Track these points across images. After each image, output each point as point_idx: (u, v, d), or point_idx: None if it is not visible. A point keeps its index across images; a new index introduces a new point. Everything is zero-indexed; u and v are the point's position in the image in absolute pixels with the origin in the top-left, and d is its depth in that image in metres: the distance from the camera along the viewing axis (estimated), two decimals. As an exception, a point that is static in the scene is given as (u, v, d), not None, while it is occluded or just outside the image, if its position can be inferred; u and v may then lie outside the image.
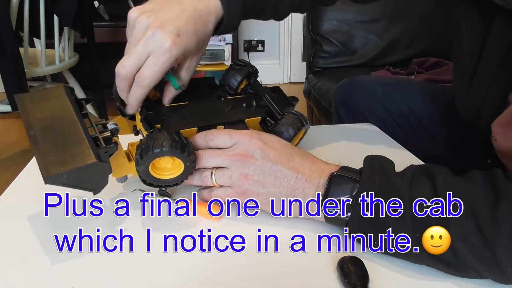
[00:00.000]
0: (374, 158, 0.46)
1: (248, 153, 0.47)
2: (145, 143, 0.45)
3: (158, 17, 0.46)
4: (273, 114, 0.57)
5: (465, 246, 0.38)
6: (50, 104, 0.47)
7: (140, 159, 0.45)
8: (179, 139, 0.45)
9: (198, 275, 0.41)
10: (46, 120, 0.45)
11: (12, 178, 0.59)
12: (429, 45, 1.82)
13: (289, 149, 0.49)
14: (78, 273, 0.41)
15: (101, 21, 2.26)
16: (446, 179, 0.41)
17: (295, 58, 3.13)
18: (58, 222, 0.49)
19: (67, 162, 0.40)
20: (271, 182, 0.47)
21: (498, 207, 0.37)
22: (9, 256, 0.43)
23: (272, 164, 0.47)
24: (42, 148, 0.42)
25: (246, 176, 0.47)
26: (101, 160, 0.42)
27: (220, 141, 0.49)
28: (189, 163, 0.46)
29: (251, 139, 0.48)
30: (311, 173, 0.46)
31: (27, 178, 0.60)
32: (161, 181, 0.48)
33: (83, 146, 0.42)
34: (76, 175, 0.41)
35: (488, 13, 0.58)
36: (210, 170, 0.49)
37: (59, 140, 0.43)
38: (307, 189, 0.46)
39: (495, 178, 0.40)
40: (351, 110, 0.93)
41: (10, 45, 1.40)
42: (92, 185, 0.44)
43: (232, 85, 0.59)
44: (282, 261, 0.43)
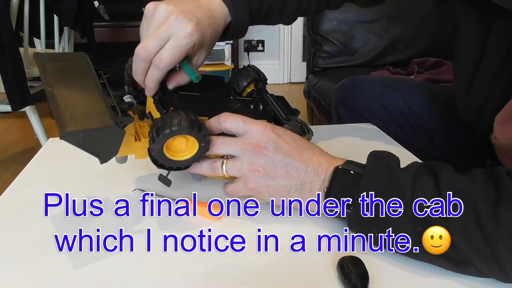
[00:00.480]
0: (379, 153, 0.46)
1: (261, 143, 0.47)
2: (162, 120, 0.44)
3: (178, 7, 0.48)
4: (278, 119, 0.57)
5: (465, 242, 0.38)
6: (70, 66, 0.47)
7: (156, 137, 0.43)
8: (195, 118, 0.45)
9: (198, 275, 0.41)
10: (66, 79, 0.44)
11: (12, 178, 0.59)
12: (429, 45, 1.82)
13: (300, 142, 0.49)
14: (78, 273, 0.41)
15: (101, 21, 2.26)
16: (449, 176, 0.41)
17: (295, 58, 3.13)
18: (58, 222, 0.49)
19: (84, 121, 0.40)
20: (281, 175, 0.47)
21: (500, 205, 0.38)
22: (9, 256, 0.43)
23: (284, 157, 0.47)
24: (60, 105, 0.41)
25: (257, 168, 0.47)
26: (118, 126, 0.41)
27: (232, 124, 0.48)
28: (204, 143, 0.46)
29: (265, 130, 0.48)
30: (319, 166, 0.47)
31: (27, 178, 0.60)
32: (174, 163, 0.47)
33: (101, 109, 0.42)
34: (91, 137, 0.40)
35: (488, 14, 0.58)
36: (221, 161, 0.48)
37: (77, 100, 0.42)
38: (315, 182, 0.47)
39: (498, 176, 0.40)
40: (351, 110, 0.93)
41: (10, 45, 1.40)
42: (103, 151, 0.43)
43: (241, 84, 0.59)
44: (282, 261, 0.43)
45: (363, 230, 0.44)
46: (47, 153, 0.68)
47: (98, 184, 0.57)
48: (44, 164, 0.64)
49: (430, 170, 0.42)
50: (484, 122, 0.66)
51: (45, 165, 0.64)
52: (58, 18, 1.67)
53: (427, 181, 0.41)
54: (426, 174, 0.42)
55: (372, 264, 0.41)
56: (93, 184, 0.56)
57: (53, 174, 0.61)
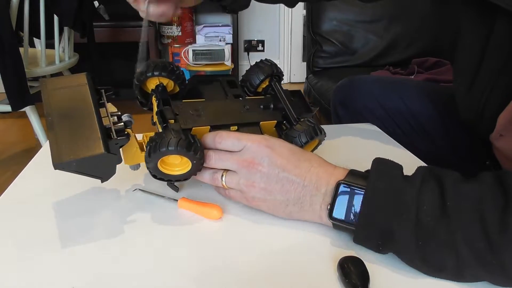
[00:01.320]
0: (381, 163, 0.44)
1: (255, 160, 0.47)
2: (153, 141, 0.46)
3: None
4: (289, 118, 0.56)
5: (469, 251, 0.37)
6: (71, 91, 0.49)
7: (148, 157, 0.46)
8: (185, 137, 0.46)
9: (198, 275, 0.41)
10: (65, 107, 0.47)
11: (12, 178, 0.59)
12: (429, 45, 1.82)
13: (297, 155, 0.48)
14: (78, 273, 0.41)
15: (101, 21, 2.25)
16: (455, 183, 0.40)
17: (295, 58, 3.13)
18: (58, 222, 0.49)
19: (78, 150, 0.43)
20: (277, 190, 0.47)
21: (508, 212, 0.36)
22: (9, 255, 0.43)
23: (279, 172, 0.46)
24: (57, 135, 0.44)
25: (252, 183, 0.47)
26: (109, 152, 0.44)
27: (228, 144, 0.49)
28: (195, 161, 0.47)
29: (259, 146, 0.47)
30: (318, 179, 0.46)
31: (27, 178, 0.60)
32: (170, 177, 0.49)
33: (95, 136, 0.45)
34: (85, 164, 0.43)
35: (489, 15, 0.58)
36: (221, 172, 0.50)
37: (74, 129, 0.45)
38: (314, 197, 0.46)
39: (506, 182, 0.38)
40: (350, 110, 0.93)
41: (10, 45, 1.40)
42: (100, 173, 0.46)
43: (253, 82, 0.59)
44: (283, 261, 0.43)
45: (369, 244, 0.43)
46: (47, 153, 0.67)
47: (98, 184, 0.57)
48: (44, 164, 0.64)
49: (435, 178, 0.41)
50: (485, 122, 0.65)
51: (45, 165, 0.64)
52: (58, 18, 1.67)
53: (431, 192, 0.40)
54: (430, 183, 0.41)
55: (372, 264, 0.41)
56: (93, 184, 0.56)
57: (53, 174, 0.60)
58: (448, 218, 0.38)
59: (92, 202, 0.53)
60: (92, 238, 0.46)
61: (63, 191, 0.55)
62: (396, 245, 0.41)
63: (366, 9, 1.85)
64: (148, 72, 0.53)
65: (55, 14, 1.65)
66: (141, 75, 0.54)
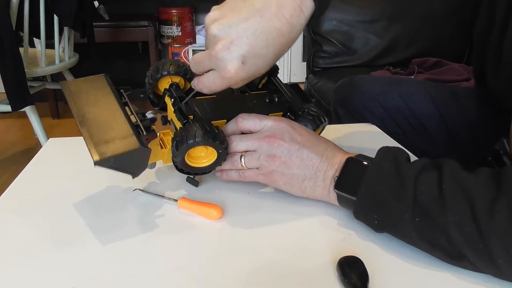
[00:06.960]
0: (388, 148, 0.48)
1: (276, 135, 0.50)
2: (179, 135, 0.48)
3: (227, 34, 0.43)
4: (293, 109, 0.59)
5: (459, 234, 0.39)
6: (94, 92, 0.50)
7: (176, 151, 0.48)
8: (210, 128, 0.48)
9: (198, 275, 0.41)
10: (92, 107, 0.48)
11: (12, 178, 0.59)
12: (429, 45, 1.82)
13: (314, 136, 0.52)
14: (78, 273, 0.41)
15: (101, 21, 2.26)
16: (453, 171, 0.42)
17: (295, 58, 3.13)
18: (58, 222, 0.49)
19: (114, 147, 0.45)
20: (296, 164, 0.49)
21: (497, 201, 0.38)
22: (9, 256, 0.43)
23: (299, 147, 0.49)
24: (90, 134, 0.45)
25: (273, 157, 0.50)
26: (144, 146, 0.46)
27: (250, 123, 0.52)
28: (221, 150, 0.49)
29: (280, 123, 0.51)
30: (333, 156, 0.50)
31: (27, 178, 0.60)
32: (197, 169, 0.52)
33: (127, 133, 0.46)
34: (122, 160, 0.45)
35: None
36: (240, 154, 0.51)
37: (105, 127, 0.47)
38: (329, 171, 0.49)
39: (502, 174, 0.41)
40: (350, 110, 0.93)
41: (10, 45, 1.40)
42: (133, 168, 0.48)
43: (254, 80, 0.61)
44: (282, 261, 0.43)
45: (366, 218, 0.46)
46: (47, 153, 0.68)
47: (98, 184, 0.57)
48: (44, 164, 0.64)
49: (435, 165, 0.44)
50: None
51: (45, 165, 0.64)
52: (58, 18, 1.67)
53: (430, 175, 0.42)
54: (430, 168, 0.43)
55: (372, 264, 0.41)
56: (93, 184, 0.56)
57: (53, 174, 0.61)
58: (442, 200, 0.40)
59: (92, 202, 0.53)
60: (92, 238, 0.46)
61: (63, 192, 0.55)
62: (392, 219, 0.43)
63: (366, 9, 1.85)
64: (163, 71, 0.55)
65: (55, 14, 1.65)
66: (156, 74, 0.55)
